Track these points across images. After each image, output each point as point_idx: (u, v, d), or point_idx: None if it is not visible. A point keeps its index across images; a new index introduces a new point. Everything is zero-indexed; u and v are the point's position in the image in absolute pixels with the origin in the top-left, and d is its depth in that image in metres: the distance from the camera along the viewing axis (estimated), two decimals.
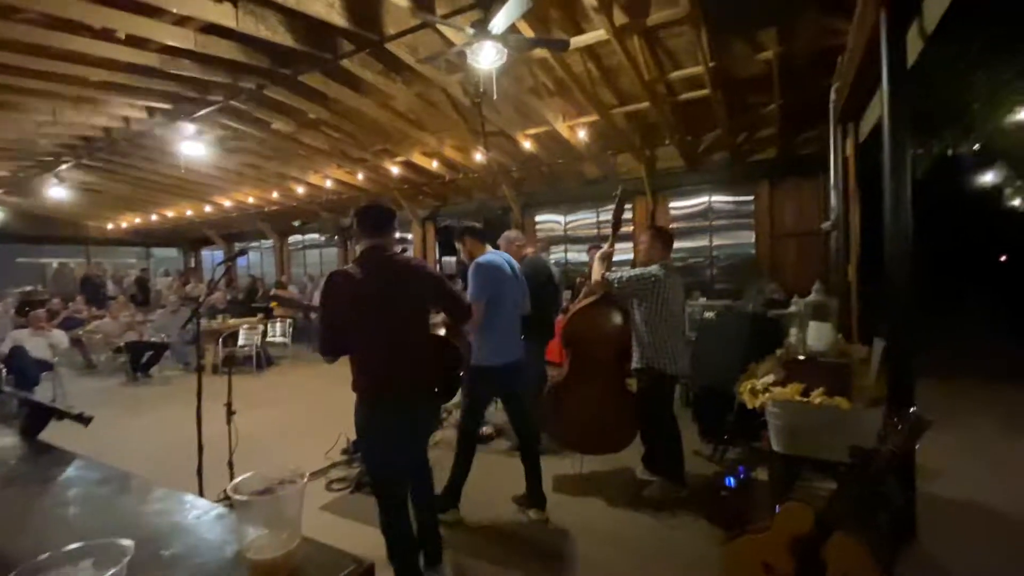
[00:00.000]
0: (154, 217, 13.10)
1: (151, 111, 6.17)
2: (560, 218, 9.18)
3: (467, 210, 10.03)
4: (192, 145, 6.54)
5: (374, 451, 2.14)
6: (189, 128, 6.18)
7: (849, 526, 1.84)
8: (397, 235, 2.31)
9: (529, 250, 4.09)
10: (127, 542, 0.55)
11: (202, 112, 5.89)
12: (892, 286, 2.60)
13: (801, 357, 2.58)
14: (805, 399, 2.36)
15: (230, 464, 3.05)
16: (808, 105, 5.49)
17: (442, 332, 2.82)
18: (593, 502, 3.11)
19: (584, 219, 8.94)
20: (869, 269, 4.66)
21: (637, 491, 3.17)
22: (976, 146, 7.15)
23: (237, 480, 0.72)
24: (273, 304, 9.06)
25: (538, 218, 9.38)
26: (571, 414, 3.20)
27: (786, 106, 5.79)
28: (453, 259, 11.33)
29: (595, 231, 8.74)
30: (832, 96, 4.58)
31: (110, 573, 0.50)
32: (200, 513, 0.84)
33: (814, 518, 1.82)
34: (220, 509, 0.86)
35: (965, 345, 8.39)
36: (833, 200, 4.94)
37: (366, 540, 2.70)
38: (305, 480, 0.73)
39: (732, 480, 3.05)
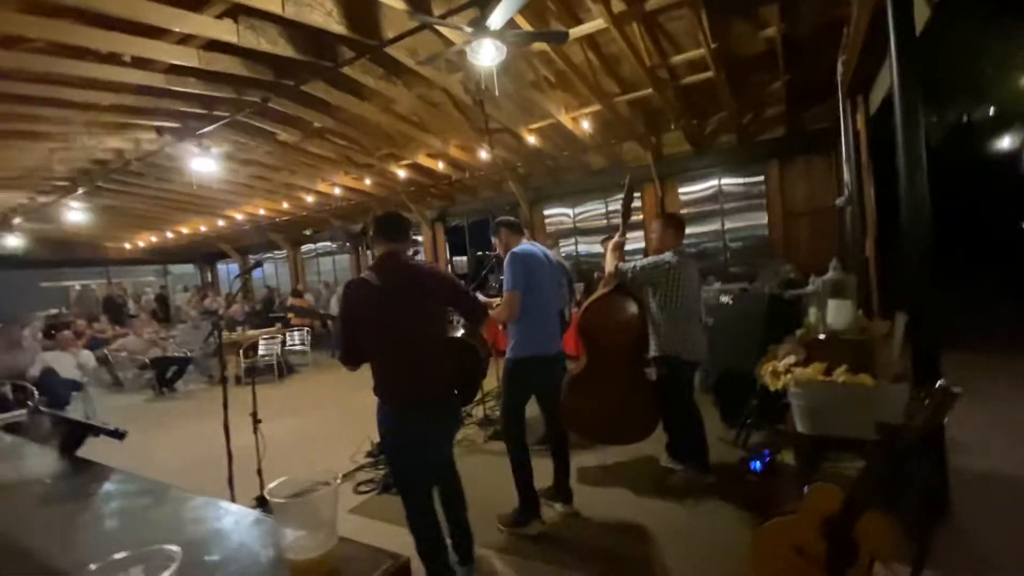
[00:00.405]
0: (170, 235, 13.34)
1: (160, 131, 6.28)
2: (568, 211, 9.16)
3: (474, 208, 10.07)
4: (202, 161, 6.64)
5: (397, 453, 2.17)
6: (198, 145, 6.27)
7: (880, 504, 1.83)
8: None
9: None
10: (175, 548, 0.57)
11: (210, 128, 5.97)
12: (911, 258, 2.55)
13: (822, 336, 2.55)
14: (828, 378, 2.33)
15: (259, 472, 3.11)
16: (815, 80, 5.40)
17: (459, 334, 2.83)
18: (618, 492, 3.11)
19: (593, 210, 8.91)
20: (886, 243, 4.59)
21: (662, 480, 3.17)
22: (991, 111, 6.97)
23: (273, 484, 0.74)
24: (290, 316, 9.18)
25: (546, 212, 9.37)
26: (591, 405, 3.19)
27: (792, 83, 5.70)
28: (464, 259, 11.41)
29: (604, 222, 8.71)
30: (839, 69, 4.50)
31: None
32: (238, 519, 0.87)
33: (843, 498, 1.81)
34: (257, 514, 0.88)
35: (984, 316, 8.21)
36: (846, 175, 4.86)
37: (396, 540, 2.74)
38: (339, 481, 0.74)
39: (758, 464, 3.03)
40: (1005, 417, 3.83)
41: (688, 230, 8.40)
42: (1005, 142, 7.58)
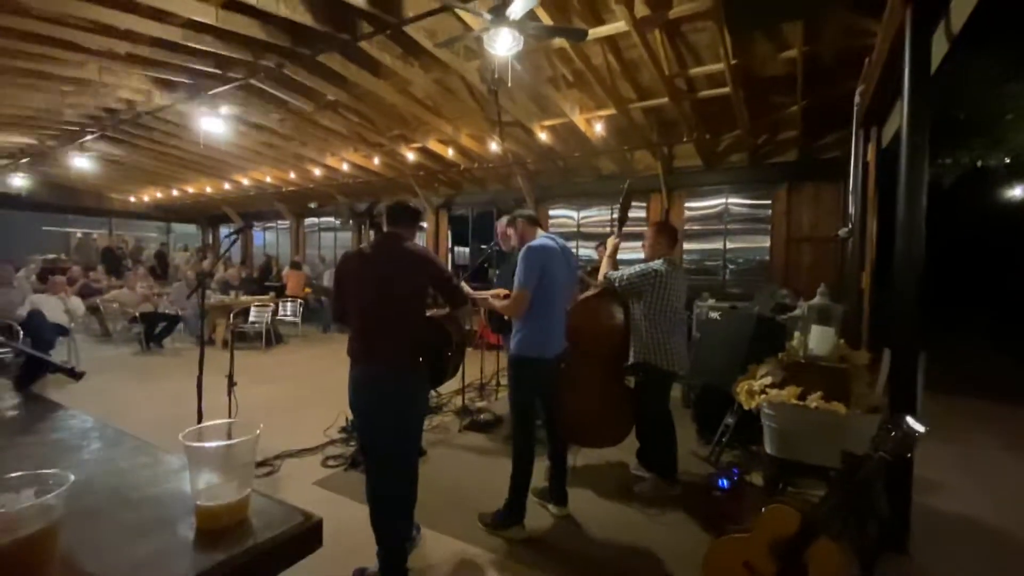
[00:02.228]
0: (175, 192, 13.32)
1: (173, 85, 6.26)
2: (574, 213, 9.13)
3: (481, 200, 10.05)
4: (212, 121, 6.62)
5: (357, 415, 2.29)
6: (210, 104, 6.25)
7: (834, 531, 1.82)
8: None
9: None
10: (69, 474, 0.56)
11: (222, 88, 5.95)
12: (901, 295, 2.54)
13: (801, 360, 2.54)
14: (801, 403, 2.33)
15: (228, 435, 3.11)
16: (832, 107, 5.37)
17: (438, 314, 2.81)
18: (584, 494, 3.11)
19: (598, 215, 8.88)
20: (883, 277, 4.58)
21: (629, 486, 3.17)
22: (1005, 160, 6.95)
23: (191, 428, 0.73)
24: (306, 290, 9.43)
25: (551, 212, 9.34)
26: (568, 406, 3.18)
27: (809, 108, 5.66)
28: (466, 250, 11.38)
29: (608, 228, 8.68)
30: (856, 99, 4.47)
31: (45, 497, 0.52)
32: (165, 464, 0.86)
33: (800, 521, 1.80)
34: (184, 462, 0.88)
35: (980, 362, 8.20)
36: (851, 206, 4.84)
37: (357, 515, 2.75)
38: (258, 433, 0.73)
39: (725, 481, 3.02)
40: (975, 460, 3.83)
41: (690, 246, 8.33)
42: (1017, 191, 7.55)
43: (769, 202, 7.22)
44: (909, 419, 1.72)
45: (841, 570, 1.78)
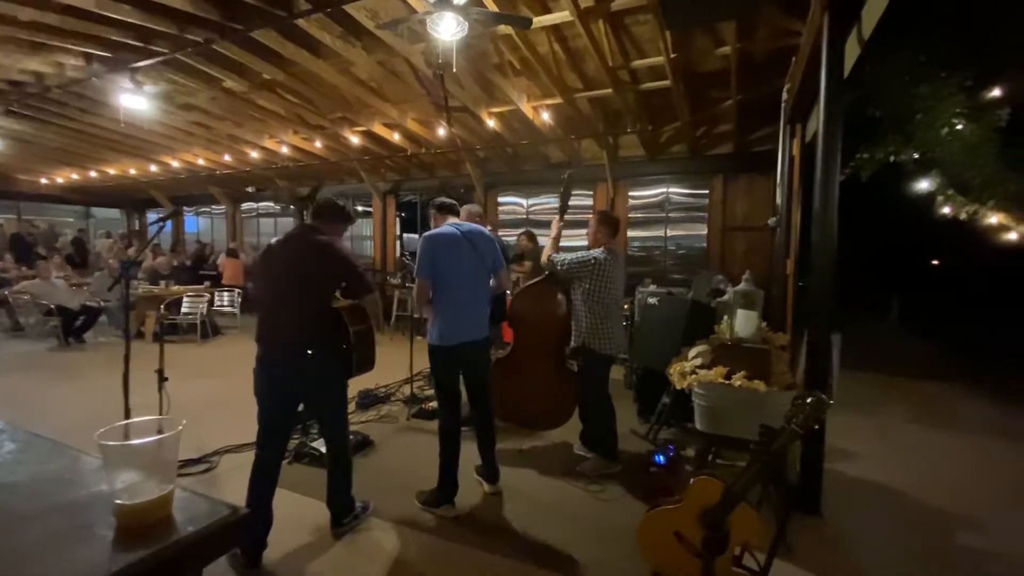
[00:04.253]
0: (94, 174, 12.25)
1: (88, 58, 5.74)
2: (523, 200, 9.18)
3: (429, 186, 9.90)
4: (134, 98, 6.14)
5: (257, 393, 2.35)
6: (130, 79, 5.78)
7: (752, 498, 1.99)
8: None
9: (487, 227, 4.05)
10: None
11: (145, 63, 5.52)
12: (815, 280, 2.77)
13: (728, 342, 2.72)
14: (727, 381, 2.50)
15: (160, 432, 2.97)
16: (764, 103, 5.66)
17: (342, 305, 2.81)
18: (528, 473, 3.20)
19: (546, 203, 8.97)
20: (807, 264, 4.92)
21: (573, 465, 3.29)
22: (915, 154, 7.58)
23: (114, 426, 0.71)
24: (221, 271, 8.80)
25: (500, 199, 9.35)
26: (513, 389, 3.27)
27: (743, 103, 5.94)
28: (415, 236, 11.20)
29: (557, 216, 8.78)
30: (784, 96, 4.74)
31: None
32: (86, 464, 0.83)
33: (722, 491, 1.95)
34: (100, 462, 0.85)
35: (892, 342, 9.01)
36: (778, 198, 5.15)
37: (302, 508, 2.72)
38: (180, 429, 0.73)
39: (661, 457, 3.20)
40: (889, 432, 4.23)
41: (634, 233, 8.57)
42: (923, 184, 8.26)
43: (707, 192, 7.56)
44: (817, 394, 1.89)
45: (757, 532, 1.95)
